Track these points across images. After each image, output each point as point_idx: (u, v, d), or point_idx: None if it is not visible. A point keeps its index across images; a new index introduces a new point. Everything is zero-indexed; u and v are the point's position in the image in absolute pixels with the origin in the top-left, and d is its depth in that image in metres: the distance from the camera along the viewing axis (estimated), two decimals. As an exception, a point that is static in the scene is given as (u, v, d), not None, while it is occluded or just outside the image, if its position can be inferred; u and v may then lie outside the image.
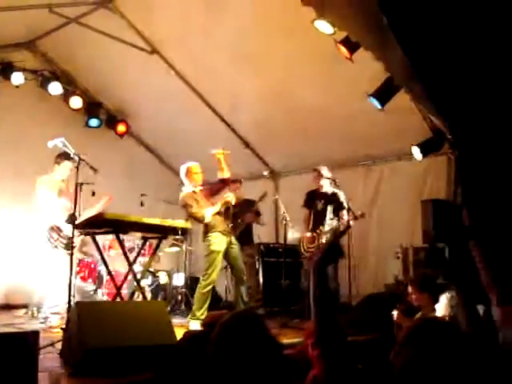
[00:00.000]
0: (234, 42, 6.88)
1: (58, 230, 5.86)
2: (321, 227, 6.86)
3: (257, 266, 8.07)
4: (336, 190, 6.96)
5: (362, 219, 7.01)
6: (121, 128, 8.91)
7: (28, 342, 2.92)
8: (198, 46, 7.17)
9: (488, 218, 6.72)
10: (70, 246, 5.68)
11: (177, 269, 8.45)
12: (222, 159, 6.49)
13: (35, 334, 2.99)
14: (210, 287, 6.08)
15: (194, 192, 6.40)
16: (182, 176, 6.55)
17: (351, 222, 6.63)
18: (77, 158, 4.90)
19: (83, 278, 7.08)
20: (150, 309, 4.12)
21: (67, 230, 5.79)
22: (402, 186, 7.71)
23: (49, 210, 5.94)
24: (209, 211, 6.21)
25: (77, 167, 4.90)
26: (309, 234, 6.86)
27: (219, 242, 6.16)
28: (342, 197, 6.89)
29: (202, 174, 6.52)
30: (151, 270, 7.48)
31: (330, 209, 6.91)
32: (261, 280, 7.91)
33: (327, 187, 7.02)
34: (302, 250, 6.91)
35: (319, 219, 6.92)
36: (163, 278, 7.93)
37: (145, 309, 4.11)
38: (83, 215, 5.18)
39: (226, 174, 6.52)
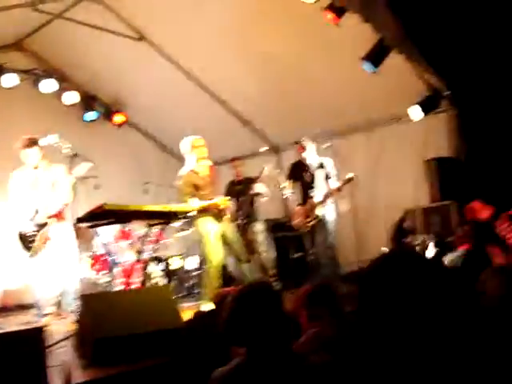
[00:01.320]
0: (223, 21, 6.82)
1: (24, 236, 5.78)
2: (310, 200, 6.84)
3: (267, 242, 8.08)
4: (323, 159, 6.95)
5: (368, 186, 7.06)
6: (118, 119, 8.88)
7: (32, 338, 2.95)
8: (185, 28, 7.11)
9: (491, 172, 6.69)
10: (28, 247, 5.69)
11: (189, 253, 8.48)
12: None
13: (39, 330, 3.03)
14: (217, 268, 6.06)
15: (194, 172, 6.21)
16: (186, 152, 6.26)
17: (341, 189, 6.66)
18: (72, 154, 4.90)
19: (97, 271, 7.13)
20: (155, 294, 4.14)
21: (27, 228, 5.74)
22: (404, 148, 7.64)
23: (16, 212, 5.87)
24: (195, 204, 6.03)
25: (71, 163, 4.90)
26: (300, 208, 6.87)
27: (207, 223, 6.10)
28: (330, 165, 6.90)
29: (206, 148, 6.29)
30: (162, 256, 7.51)
31: (319, 178, 6.89)
32: (273, 255, 7.91)
33: (312, 158, 6.96)
34: (297, 223, 6.90)
35: (308, 191, 6.91)
36: (176, 263, 7.95)
37: (150, 295, 4.13)
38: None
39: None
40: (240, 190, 7.64)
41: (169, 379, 3.31)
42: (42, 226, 5.73)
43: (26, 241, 5.72)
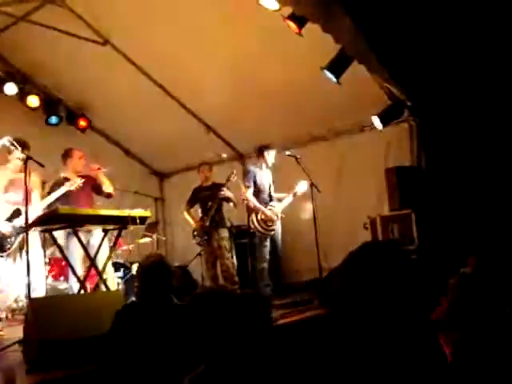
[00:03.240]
0: (187, 26, 6.83)
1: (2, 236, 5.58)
2: (272, 204, 7.10)
3: (232, 249, 8.07)
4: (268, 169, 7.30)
5: (330, 194, 7.21)
6: (82, 123, 8.81)
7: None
8: (150, 34, 7.10)
9: (451, 181, 6.79)
10: (2, 248, 5.51)
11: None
12: (101, 175, 6.44)
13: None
14: None
15: (65, 179, 6.11)
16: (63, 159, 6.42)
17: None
18: (23, 156, 4.83)
19: (54, 277, 7.04)
20: (105, 299, 4.12)
21: (4, 228, 5.57)
22: (366, 158, 7.75)
23: None
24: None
25: (25, 165, 4.82)
26: (269, 213, 6.97)
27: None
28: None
29: (83, 161, 6.46)
30: (121, 261, 7.46)
31: (272, 185, 7.25)
32: (235, 262, 7.91)
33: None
34: (262, 230, 6.96)
35: (264, 196, 7.15)
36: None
37: (100, 299, 4.11)
38: (44, 202, 5.07)
39: (109, 189, 6.47)
40: (207, 195, 7.63)
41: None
42: (23, 229, 5.49)
43: (3, 242, 5.56)
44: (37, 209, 5.42)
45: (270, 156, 7.23)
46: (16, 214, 5.65)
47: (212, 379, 2.06)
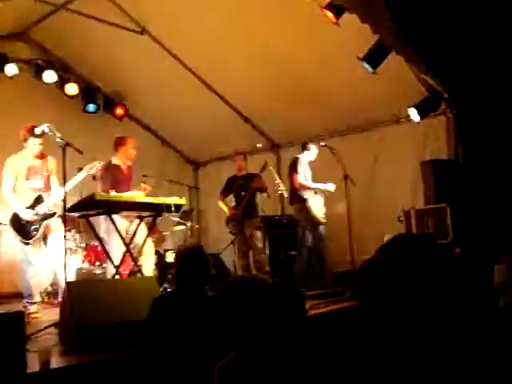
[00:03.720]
0: (224, 14, 6.84)
1: (18, 218, 5.62)
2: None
3: (264, 239, 8.07)
4: None
5: (365, 186, 7.25)
6: (119, 111, 8.94)
7: (12, 322, 2.98)
8: (187, 22, 7.14)
9: (488, 175, 6.67)
10: (28, 235, 5.57)
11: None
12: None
13: (19, 315, 3.06)
14: None
15: (115, 166, 6.20)
16: (116, 147, 6.40)
17: None
18: (63, 142, 4.90)
19: (90, 262, 7.17)
20: (140, 285, 4.19)
21: (28, 215, 5.62)
22: (402, 150, 7.66)
23: (8, 197, 5.70)
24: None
25: (63, 152, 4.90)
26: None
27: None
28: None
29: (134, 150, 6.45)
30: (158, 249, 7.54)
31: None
32: (267, 252, 7.92)
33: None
34: (321, 219, 7.17)
35: None
36: (171, 257, 7.98)
37: (136, 285, 4.18)
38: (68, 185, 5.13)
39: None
40: (241, 184, 7.65)
41: (146, 369, 3.33)
42: (47, 215, 5.68)
43: (29, 228, 5.63)
44: (58, 193, 5.48)
45: (313, 151, 7.26)
46: (38, 200, 5.70)
47: (242, 366, 2.08)
